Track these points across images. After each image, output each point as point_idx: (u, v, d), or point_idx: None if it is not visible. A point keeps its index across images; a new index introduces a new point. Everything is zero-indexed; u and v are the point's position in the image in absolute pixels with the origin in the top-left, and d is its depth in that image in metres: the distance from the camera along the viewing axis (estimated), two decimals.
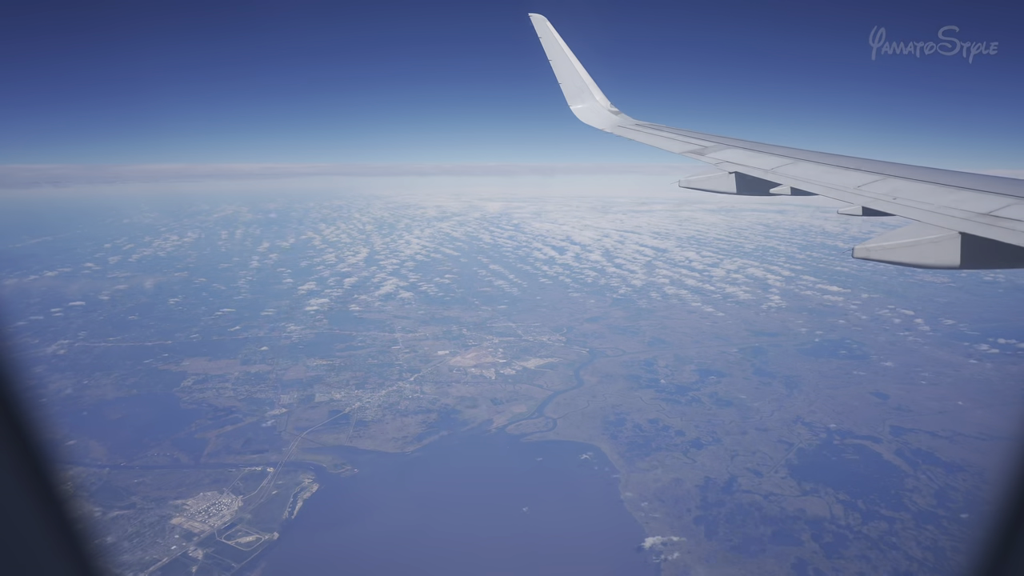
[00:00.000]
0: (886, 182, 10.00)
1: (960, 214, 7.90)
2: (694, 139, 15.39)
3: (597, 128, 18.05)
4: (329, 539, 52.21)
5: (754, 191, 12.09)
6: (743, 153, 13.49)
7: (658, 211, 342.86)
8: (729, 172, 12.32)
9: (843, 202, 9.65)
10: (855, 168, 11.07)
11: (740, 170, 12.26)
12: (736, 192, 12.31)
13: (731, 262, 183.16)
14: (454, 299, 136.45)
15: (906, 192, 9.29)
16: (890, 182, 9.95)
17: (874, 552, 50.42)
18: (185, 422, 74.71)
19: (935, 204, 8.52)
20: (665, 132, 16.63)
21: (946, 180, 9.39)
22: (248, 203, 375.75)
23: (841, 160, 11.83)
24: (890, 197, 9.32)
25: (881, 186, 9.90)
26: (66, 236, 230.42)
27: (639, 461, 64.72)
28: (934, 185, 9.26)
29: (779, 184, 11.30)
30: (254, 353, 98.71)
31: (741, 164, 12.65)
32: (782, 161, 12.43)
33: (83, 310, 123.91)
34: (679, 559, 48.81)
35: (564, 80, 19.12)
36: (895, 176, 10.16)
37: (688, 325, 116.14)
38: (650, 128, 17.24)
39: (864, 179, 10.37)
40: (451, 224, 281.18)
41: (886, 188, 9.73)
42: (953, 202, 8.38)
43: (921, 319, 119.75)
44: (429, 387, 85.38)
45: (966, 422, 73.98)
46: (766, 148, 13.68)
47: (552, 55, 18.99)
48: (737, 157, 13.21)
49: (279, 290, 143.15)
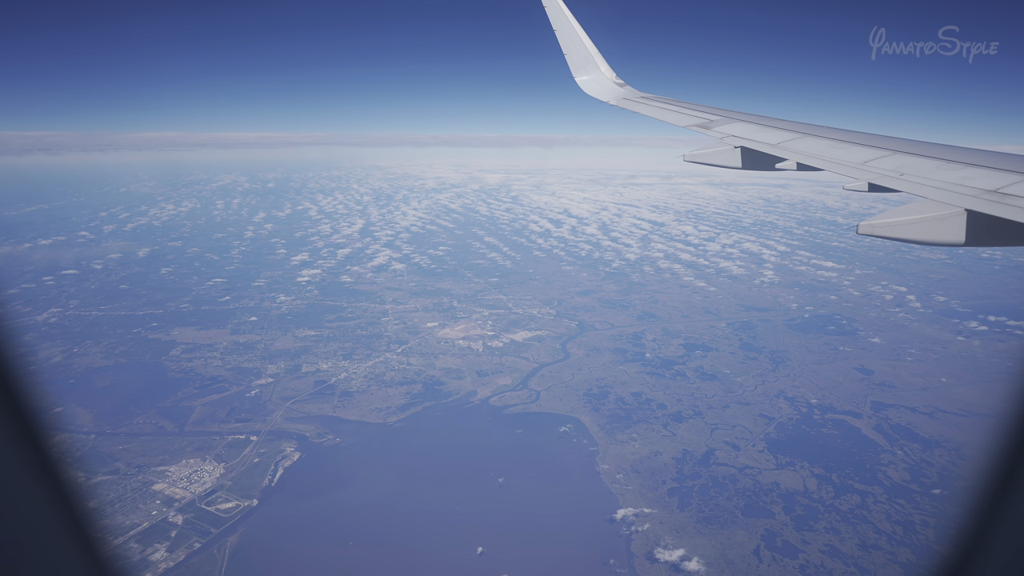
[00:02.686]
0: (893, 158, 9.89)
1: (967, 191, 7.84)
2: (700, 112, 15.18)
3: (601, 100, 17.77)
4: (307, 506, 52.99)
5: (759, 166, 11.91)
6: (749, 127, 13.28)
7: (658, 184, 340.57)
8: (735, 146, 12.16)
9: (849, 178, 9.55)
10: (862, 143, 10.94)
11: (746, 144, 12.09)
12: (741, 167, 12.14)
13: (728, 236, 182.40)
14: (446, 271, 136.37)
15: (913, 168, 9.18)
16: (897, 158, 9.83)
17: (844, 525, 51.04)
18: (172, 390, 75.32)
19: (942, 181, 8.44)
20: (670, 105, 16.35)
21: (954, 156, 9.28)
22: (246, 172, 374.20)
23: (848, 135, 11.68)
24: (897, 173, 9.21)
25: (888, 162, 9.78)
26: (62, 204, 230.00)
27: (619, 434, 65.23)
28: (941, 161, 9.16)
29: (785, 159, 11.13)
30: (244, 323, 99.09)
31: (747, 138, 12.46)
32: (789, 136, 12.25)
33: (76, 279, 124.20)
34: (649, 530, 49.48)
35: (569, 51, 18.84)
36: (902, 152, 10.03)
37: (679, 299, 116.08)
38: (655, 101, 16.94)
39: (871, 155, 10.25)
40: (449, 196, 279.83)
41: (893, 164, 9.62)
42: (960, 179, 8.30)
43: (913, 295, 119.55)
44: (416, 359, 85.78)
45: (947, 398, 74.27)
46: (773, 122, 13.47)
47: (557, 25, 18.66)
48: (743, 131, 13.01)
49: (272, 261, 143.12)
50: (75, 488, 2.00)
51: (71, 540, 2.01)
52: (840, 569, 46.06)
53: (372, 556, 46.30)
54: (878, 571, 45.95)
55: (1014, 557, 2.12)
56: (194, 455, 61.80)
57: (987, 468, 2.19)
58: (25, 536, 1.88)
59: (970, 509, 2.21)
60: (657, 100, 17.02)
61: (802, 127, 12.81)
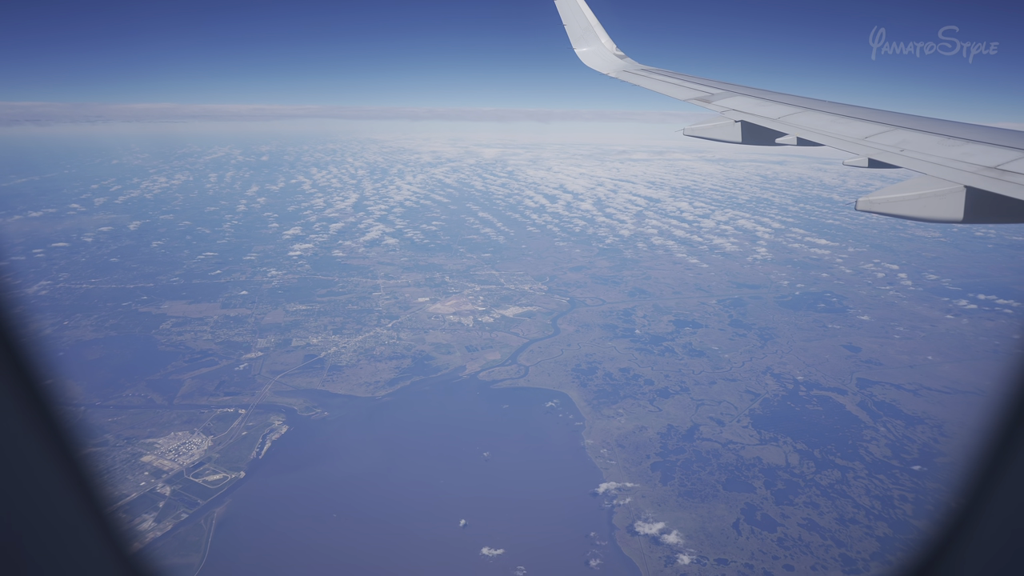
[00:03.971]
0: (894, 133, 9.84)
1: (967, 167, 7.82)
2: (701, 86, 15.01)
3: (601, 73, 17.59)
4: (293, 479, 53.50)
5: (760, 141, 11.87)
6: (750, 101, 13.18)
7: (655, 160, 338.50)
8: (735, 121, 12.09)
9: (849, 153, 9.54)
10: (863, 118, 10.87)
11: (746, 119, 12.02)
12: (741, 142, 12.11)
13: (722, 213, 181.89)
14: (439, 246, 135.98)
15: (914, 144, 9.15)
16: (898, 133, 9.78)
17: (823, 499, 51.78)
18: (161, 364, 75.47)
19: (942, 157, 8.40)
20: (671, 78, 16.15)
21: (955, 132, 9.21)
22: (240, 145, 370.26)
23: (849, 110, 11.60)
24: (897, 149, 9.18)
25: (889, 137, 9.73)
26: (53, 176, 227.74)
27: (605, 409, 65.73)
28: (942, 137, 9.11)
29: (785, 134, 11.10)
30: (234, 297, 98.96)
31: (747, 113, 12.37)
32: (790, 110, 12.15)
33: (66, 251, 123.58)
34: (631, 503, 50.14)
35: (569, 22, 18.60)
36: (903, 127, 9.98)
37: (671, 276, 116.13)
38: (656, 74, 16.73)
39: (872, 130, 10.20)
40: (444, 170, 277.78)
41: (894, 139, 9.58)
42: (961, 155, 8.28)
43: (905, 273, 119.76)
44: (406, 333, 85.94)
45: (933, 376, 74.86)
46: (774, 96, 13.34)
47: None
48: (744, 105, 12.92)
49: (264, 235, 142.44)
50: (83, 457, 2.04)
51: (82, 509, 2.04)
52: (817, 542, 46.83)
53: (355, 528, 46.91)
54: (854, 544, 46.74)
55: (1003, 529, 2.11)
56: (183, 428, 62.15)
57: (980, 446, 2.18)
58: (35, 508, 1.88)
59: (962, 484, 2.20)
60: (657, 73, 16.86)
61: (803, 101, 12.70)
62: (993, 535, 2.13)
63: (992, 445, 2.11)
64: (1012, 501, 2.04)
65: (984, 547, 2.16)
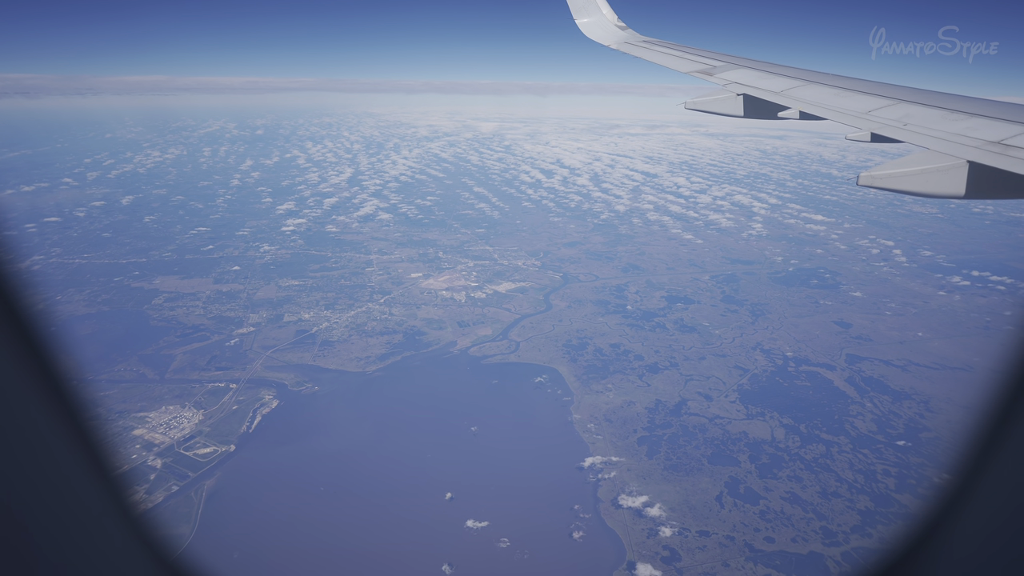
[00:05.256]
0: (897, 107, 9.72)
1: (970, 142, 7.74)
2: (703, 58, 14.80)
3: (602, 44, 17.36)
4: (283, 453, 54.00)
5: (762, 114, 11.74)
6: (753, 74, 13.00)
7: (654, 134, 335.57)
8: (737, 94, 11.95)
9: (852, 127, 9.45)
10: (866, 92, 10.74)
11: (749, 92, 11.86)
12: (743, 115, 11.97)
13: (720, 188, 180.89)
14: (433, 222, 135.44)
15: (917, 118, 9.05)
16: (902, 107, 9.66)
17: (807, 473, 52.36)
18: (153, 339, 75.64)
19: (946, 131, 8.31)
20: (673, 50, 15.94)
21: (959, 106, 9.08)
22: (235, 119, 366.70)
23: (853, 83, 11.45)
24: (900, 123, 9.08)
25: (892, 111, 9.62)
26: (45, 150, 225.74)
27: (594, 384, 66.09)
28: (946, 111, 8.99)
29: (788, 107, 10.98)
30: (227, 273, 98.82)
31: (750, 86, 12.21)
32: (793, 83, 11.98)
33: (58, 226, 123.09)
34: (616, 477, 50.69)
35: None
36: (907, 101, 9.84)
37: (666, 252, 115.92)
38: (657, 45, 16.51)
39: (875, 103, 10.08)
40: (441, 145, 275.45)
41: (897, 114, 9.47)
42: (964, 129, 8.17)
43: (900, 250, 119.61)
44: (398, 309, 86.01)
45: (922, 352, 75.17)
46: (777, 69, 13.16)
47: None
48: (746, 78, 12.74)
49: (257, 210, 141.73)
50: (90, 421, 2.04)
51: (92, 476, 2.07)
52: (799, 515, 47.46)
53: (341, 501, 47.47)
54: (835, 517, 47.39)
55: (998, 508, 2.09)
56: (174, 402, 62.52)
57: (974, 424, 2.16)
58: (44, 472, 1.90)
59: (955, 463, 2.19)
60: (659, 44, 16.63)
61: (807, 74, 12.55)
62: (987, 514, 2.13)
63: (987, 424, 2.10)
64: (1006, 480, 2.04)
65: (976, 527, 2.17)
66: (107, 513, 2.14)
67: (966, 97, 9.57)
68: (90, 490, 2.05)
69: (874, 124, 9.29)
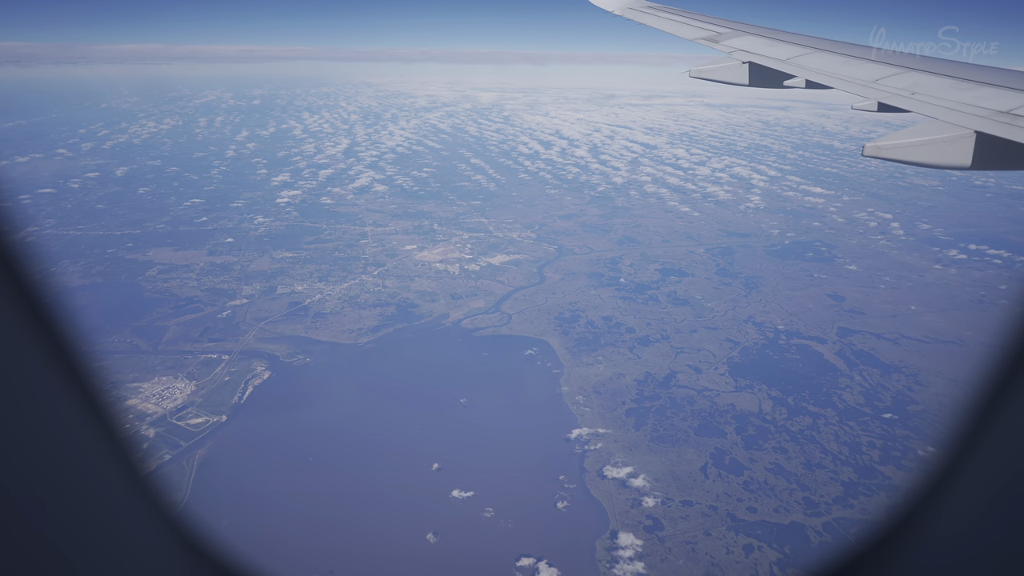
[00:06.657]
0: (905, 76, 9.47)
1: (978, 112, 7.58)
2: (709, 25, 14.49)
3: (606, 10, 17.02)
4: (273, 423, 54.53)
5: (767, 83, 11.46)
6: (759, 41, 12.66)
7: (655, 105, 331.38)
8: (743, 62, 11.64)
9: (858, 96, 9.24)
10: (875, 60, 10.52)
11: (754, 60, 11.55)
12: (748, 84, 11.70)
13: (719, 160, 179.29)
14: (429, 193, 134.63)
15: (925, 87, 8.83)
16: (909, 76, 9.42)
17: (792, 445, 52.84)
18: (147, 310, 75.86)
19: (954, 101, 8.13)
20: (678, 16, 15.57)
21: (969, 75, 8.84)
22: (232, 88, 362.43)
23: (861, 51, 11.19)
24: (908, 92, 8.87)
25: (900, 80, 9.38)
26: (40, 120, 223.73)
27: (584, 356, 66.36)
28: (955, 80, 8.76)
29: (794, 76, 10.70)
30: (221, 244, 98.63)
31: (756, 53, 11.88)
32: (800, 51, 11.69)
33: (53, 197, 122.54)
34: (603, 448, 51.21)
35: None
36: (915, 70, 9.61)
37: (662, 224, 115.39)
38: (663, 11, 16.13)
39: (883, 72, 9.83)
40: (439, 115, 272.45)
41: (905, 82, 9.24)
42: (973, 99, 7.98)
43: (898, 223, 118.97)
44: (391, 281, 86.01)
45: (914, 325, 75.24)
46: (784, 36, 12.83)
47: None
48: (752, 45, 12.41)
49: (252, 181, 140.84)
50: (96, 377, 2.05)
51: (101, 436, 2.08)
52: (782, 486, 48.02)
53: (329, 472, 48.08)
54: (818, 488, 47.95)
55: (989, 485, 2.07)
56: (167, 373, 62.96)
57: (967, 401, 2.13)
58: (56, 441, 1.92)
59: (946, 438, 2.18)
60: (665, 10, 16.27)
61: (814, 41, 12.24)
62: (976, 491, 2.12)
63: (980, 399, 2.07)
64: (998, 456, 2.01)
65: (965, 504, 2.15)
66: (115, 472, 2.16)
67: (978, 66, 9.36)
68: (98, 450, 2.08)
69: (881, 93, 9.10)
